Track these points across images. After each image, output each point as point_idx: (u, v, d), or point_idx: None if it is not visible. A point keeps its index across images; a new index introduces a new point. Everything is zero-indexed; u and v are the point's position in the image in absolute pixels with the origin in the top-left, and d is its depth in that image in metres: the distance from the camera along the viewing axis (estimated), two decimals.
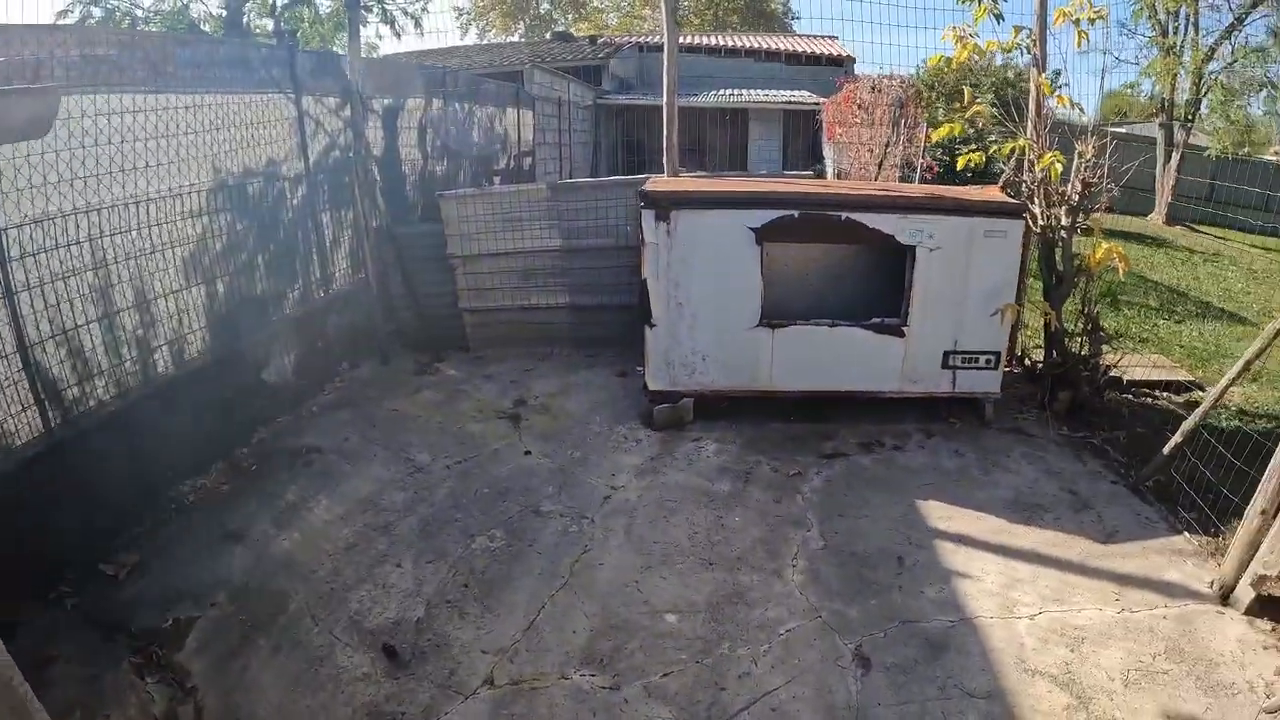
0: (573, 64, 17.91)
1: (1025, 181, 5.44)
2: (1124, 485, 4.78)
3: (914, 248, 5.04)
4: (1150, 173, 17.00)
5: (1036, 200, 5.39)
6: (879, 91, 10.25)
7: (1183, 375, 6.33)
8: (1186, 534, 4.26)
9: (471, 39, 33.65)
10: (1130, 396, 5.94)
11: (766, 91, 19.53)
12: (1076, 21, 5.05)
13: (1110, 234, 5.35)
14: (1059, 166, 4.65)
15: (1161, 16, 16.41)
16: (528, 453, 5.07)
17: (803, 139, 18.52)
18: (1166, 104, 16.69)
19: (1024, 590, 3.78)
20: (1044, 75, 5.43)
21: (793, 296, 5.66)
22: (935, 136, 5.13)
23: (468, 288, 6.63)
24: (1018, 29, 5.17)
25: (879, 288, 5.91)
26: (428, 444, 5.18)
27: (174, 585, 3.69)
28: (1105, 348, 5.30)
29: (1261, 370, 6.26)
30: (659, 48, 23.38)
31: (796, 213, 4.93)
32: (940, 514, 4.43)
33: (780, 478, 4.78)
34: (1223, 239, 16.69)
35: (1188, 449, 4.47)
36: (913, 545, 4.14)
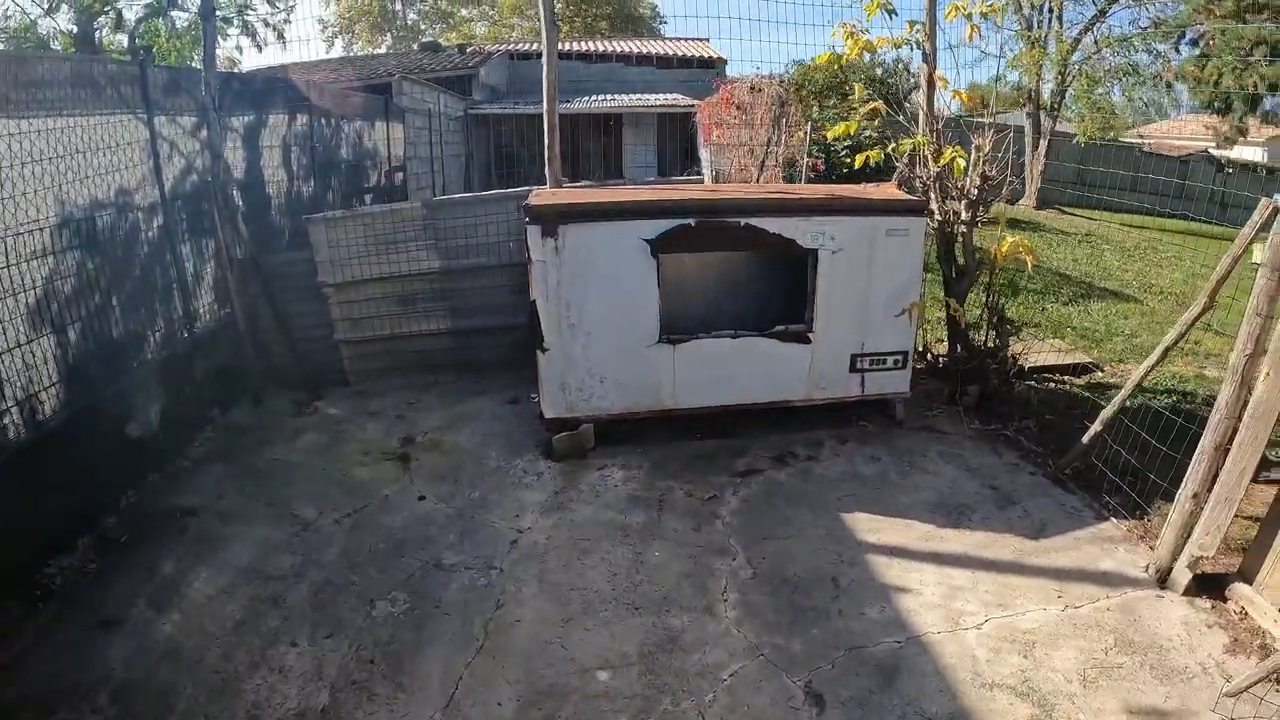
0: (442, 74, 17.15)
1: (920, 177, 5.39)
2: (1044, 476, 4.77)
3: (815, 251, 4.83)
4: (1020, 160, 17.71)
5: (933, 195, 5.34)
6: (758, 91, 10.17)
7: (1081, 357, 6.44)
8: (1113, 520, 4.26)
9: (338, 52, 32.31)
10: (1033, 383, 5.96)
11: (640, 96, 19.25)
12: (969, 16, 5.05)
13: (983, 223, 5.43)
14: (961, 161, 4.59)
15: (1026, 11, 17.17)
16: (422, 498, 4.53)
17: (678, 143, 18.40)
18: (1033, 94, 17.48)
19: (966, 599, 3.64)
20: (938, 70, 5.41)
21: (692, 309, 5.38)
22: (832, 134, 5.00)
23: (343, 317, 6.00)
24: (912, 24, 5.11)
25: (780, 293, 5.71)
26: (313, 496, 4.56)
27: (48, 687, 3.07)
28: (1013, 338, 5.31)
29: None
30: (530, 55, 23.11)
31: (693, 221, 4.61)
32: (867, 525, 4.22)
33: (695, 503, 4.43)
34: (1092, 219, 17.65)
35: (1107, 435, 4.46)
36: (845, 563, 3.90)
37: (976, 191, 5.06)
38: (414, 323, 6.07)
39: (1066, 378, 6.19)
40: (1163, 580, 3.68)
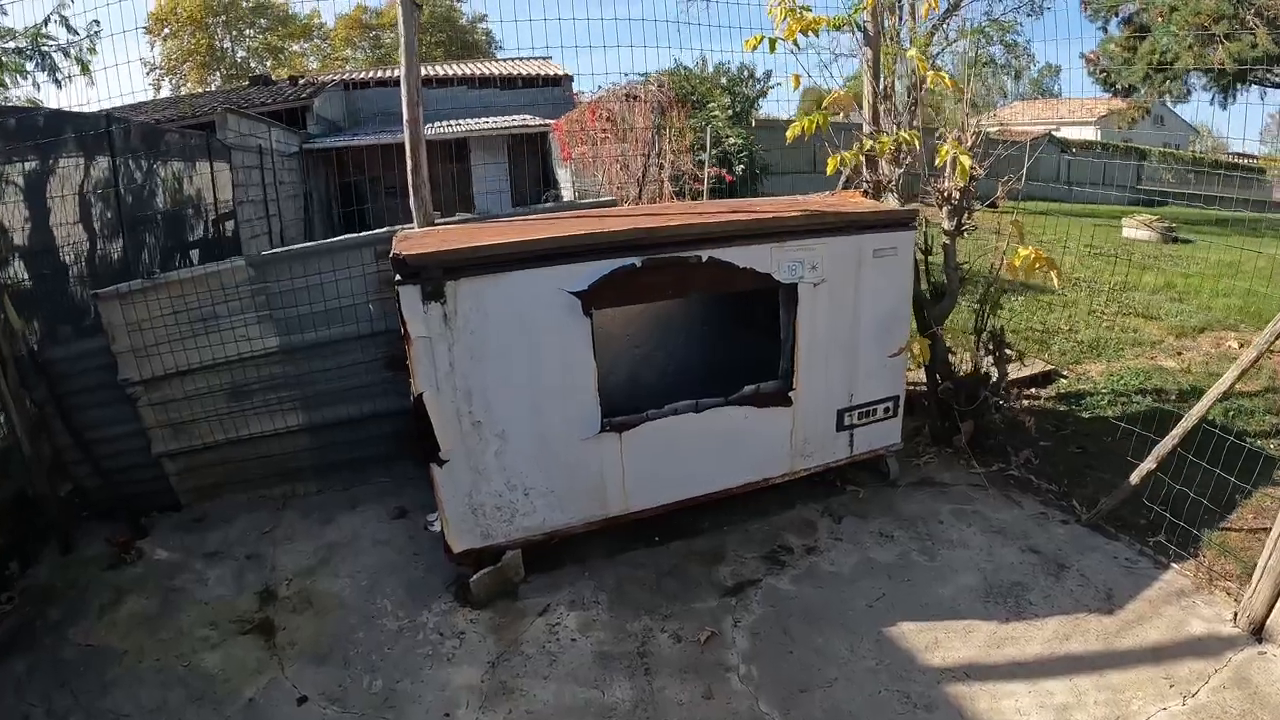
0: (274, 108, 14.51)
1: (874, 181, 4.15)
2: (1077, 523, 3.67)
3: (794, 286, 3.49)
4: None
5: (895, 203, 4.08)
6: (636, 99, 8.70)
7: (1040, 365, 5.42)
8: (1174, 566, 3.31)
9: (166, 94, 28.24)
10: (1004, 403, 4.87)
11: (488, 120, 17.21)
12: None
13: None
14: (966, 162, 3.35)
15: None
16: (303, 699, 2.77)
17: (530, 165, 16.59)
18: (888, 91, 16.69)
19: (1085, 717, 2.54)
20: (879, 54, 4.17)
21: (631, 377, 3.91)
22: (792, 133, 3.68)
23: (161, 423, 4.01)
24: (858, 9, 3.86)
25: (730, 338, 4.35)
26: (146, 710, 2.77)
27: None
28: (1011, 364, 4.16)
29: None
30: (367, 83, 20.49)
31: (638, 261, 3.05)
32: (920, 641, 2.92)
33: (691, 649, 2.93)
34: None
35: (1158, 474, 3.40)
36: (919, 707, 2.60)
37: (959, 195, 3.85)
38: (254, 421, 4.17)
39: (1031, 390, 5.18)
40: (1257, 632, 2.88)
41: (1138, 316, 5.49)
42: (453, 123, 16.61)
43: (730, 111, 12.35)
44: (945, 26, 14.06)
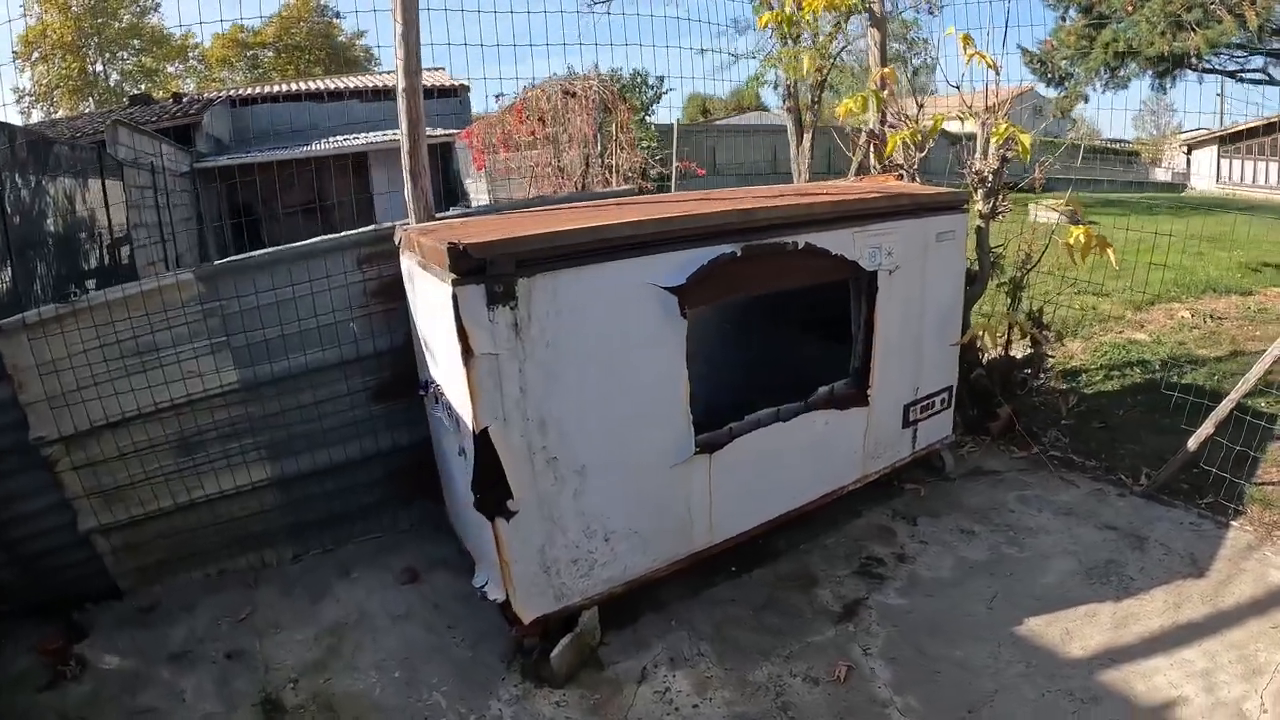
0: (163, 124, 12.34)
1: (903, 167, 3.68)
2: (1134, 495, 3.41)
3: (875, 274, 2.92)
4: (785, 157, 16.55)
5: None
6: (573, 96, 7.90)
7: (1025, 344, 5.15)
8: (1234, 524, 3.13)
9: (38, 120, 24.13)
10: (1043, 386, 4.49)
11: (386, 132, 15.06)
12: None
13: None
14: (1026, 141, 2.90)
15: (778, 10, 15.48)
16: None
17: (434, 177, 15.22)
18: (792, 90, 15.73)
19: (1225, 680, 2.32)
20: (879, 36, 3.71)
21: (705, 387, 3.24)
22: (844, 110, 3.12)
23: (89, 491, 2.84)
24: None
25: (769, 340, 3.75)
26: None
27: None
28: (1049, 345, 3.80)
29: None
30: (254, 99, 18.41)
31: (738, 248, 2.40)
32: (1052, 635, 2.55)
33: (833, 689, 2.32)
34: None
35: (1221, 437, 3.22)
36: (1086, 702, 2.26)
37: (993, 176, 3.43)
38: (210, 479, 3.05)
39: (1028, 370, 4.90)
40: None
41: (1092, 295, 5.40)
42: (353, 137, 14.93)
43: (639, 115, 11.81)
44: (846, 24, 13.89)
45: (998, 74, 3.05)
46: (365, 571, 3.15)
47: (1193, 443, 3.24)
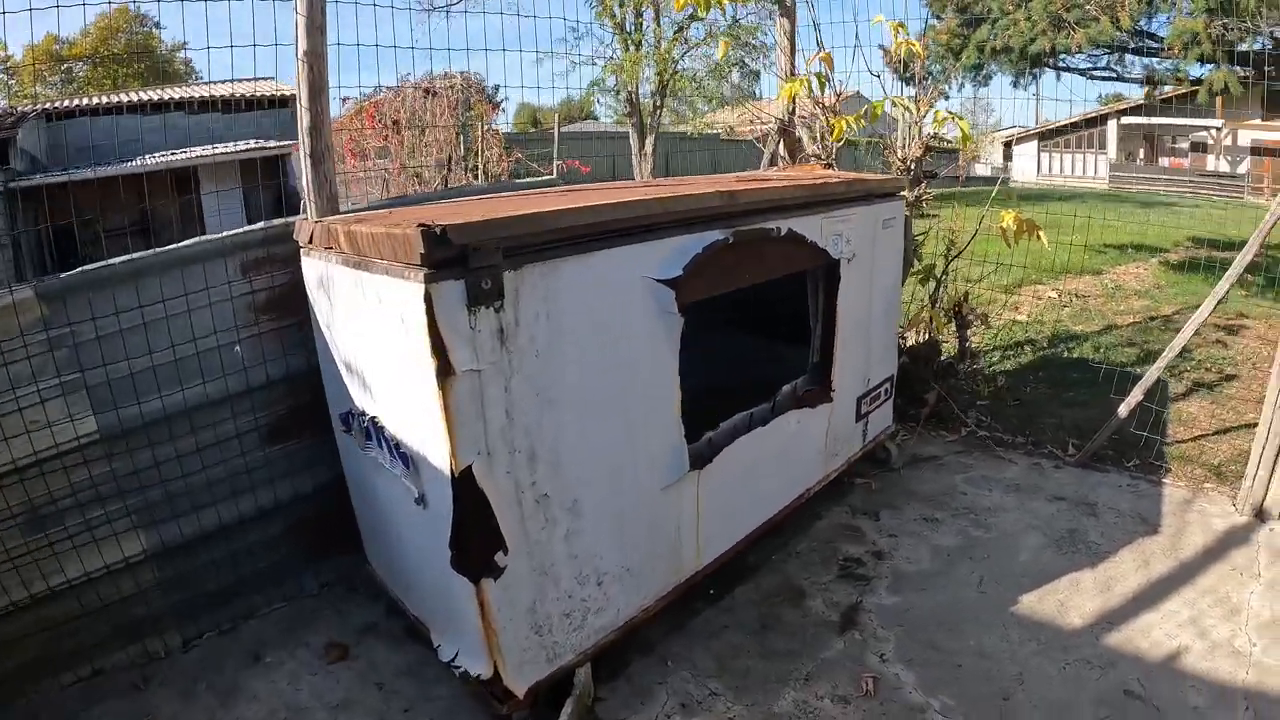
0: None
1: (818, 157, 3.59)
2: (1070, 465, 3.53)
3: (838, 262, 2.72)
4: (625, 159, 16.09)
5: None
6: (435, 95, 7.22)
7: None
8: (1166, 482, 3.33)
9: None
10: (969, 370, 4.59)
11: (215, 146, 13.57)
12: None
13: None
14: (965, 126, 2.87)
15: (620, 15, 14.79)
16: None
17: (268, 190, 13.75)
18: (633, 97, 15.46)
19: (1213, 620, 2.45)
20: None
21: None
22: (787, 93, 2.88)
23: None
24: None
25: (721, 341, 3.49)
26: None
27: None
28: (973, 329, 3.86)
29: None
30: (73, 113, 15.58)
31: (730, 234, 2.08)
32: (1048, 608, 2.55)
33: (866, 704, 2.09)
34: None
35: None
36: (1105, 668, 2.26)
37: (915, 164, 3.43)
38: (72, 558, 2.24)
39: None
40: (1258, 514, 3.01)
41: (963, 281, 5.73)
42: (182, 151, 13.02)
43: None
44: (688, 29, 13.91)
45: (921, 61, 3.05)
46: (279, 652, 2.48)
47: (1123, 409, 3.41)
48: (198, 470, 2.49)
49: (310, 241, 2.22)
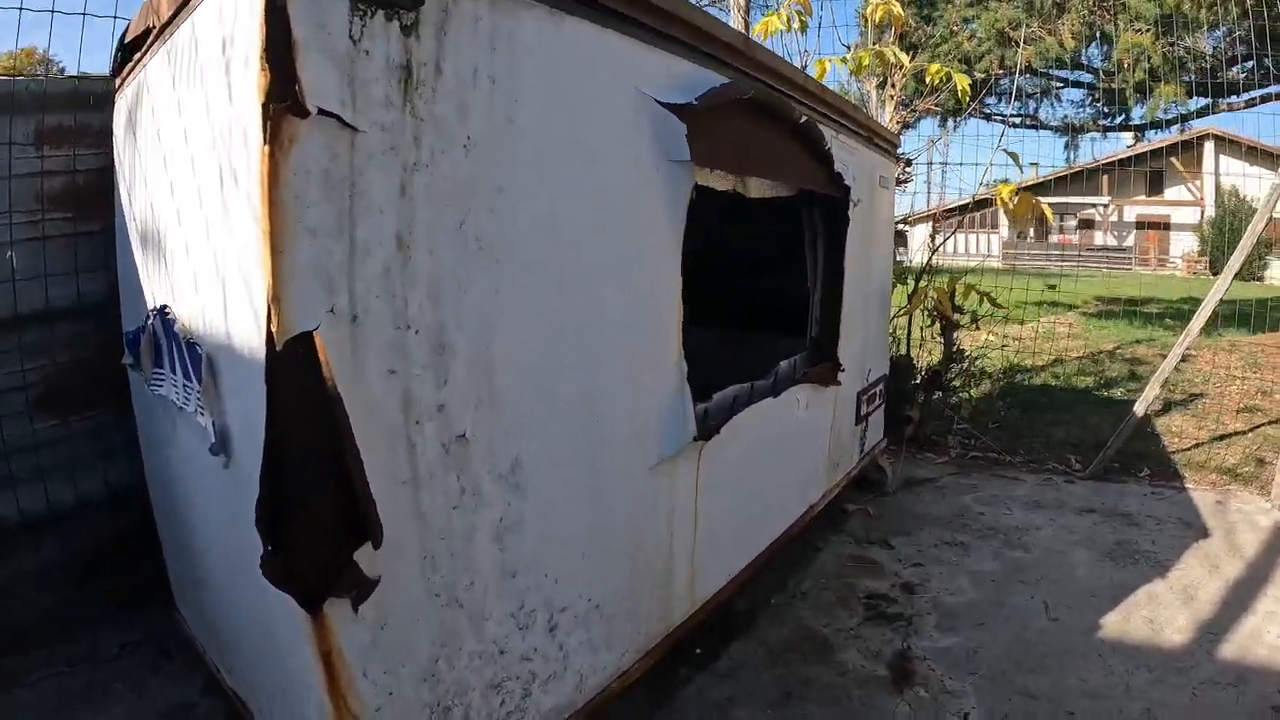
0: None
1: None
2: (1083, 479, 3.01)
3: (846, 200, 2.07)
4: None
5: None
6: None
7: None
8: (1188, 488, 2.90)
9: None
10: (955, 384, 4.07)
11: None
12: None
13: None
14: (964, 82, 2.41)
15: None
16: None
17: None
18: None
19: None
20: None
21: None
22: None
23: None
24: None
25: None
26: None
27: None
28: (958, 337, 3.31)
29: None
30: None
31: (751, 88, 1.37)
32: (1135, 628, 1.93)
33: None
34: None
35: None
36: (1234, 684, 1.70)
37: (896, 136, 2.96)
38: None
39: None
40: None
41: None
42: None
43: None
44: None
45: (899, 29, 2.68)
46: None
47: (1131, 420, 2.97)
48: None
49: (123, 71, 1.34)
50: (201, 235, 0.94)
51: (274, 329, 0.74)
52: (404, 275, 0.85)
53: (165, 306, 1.11)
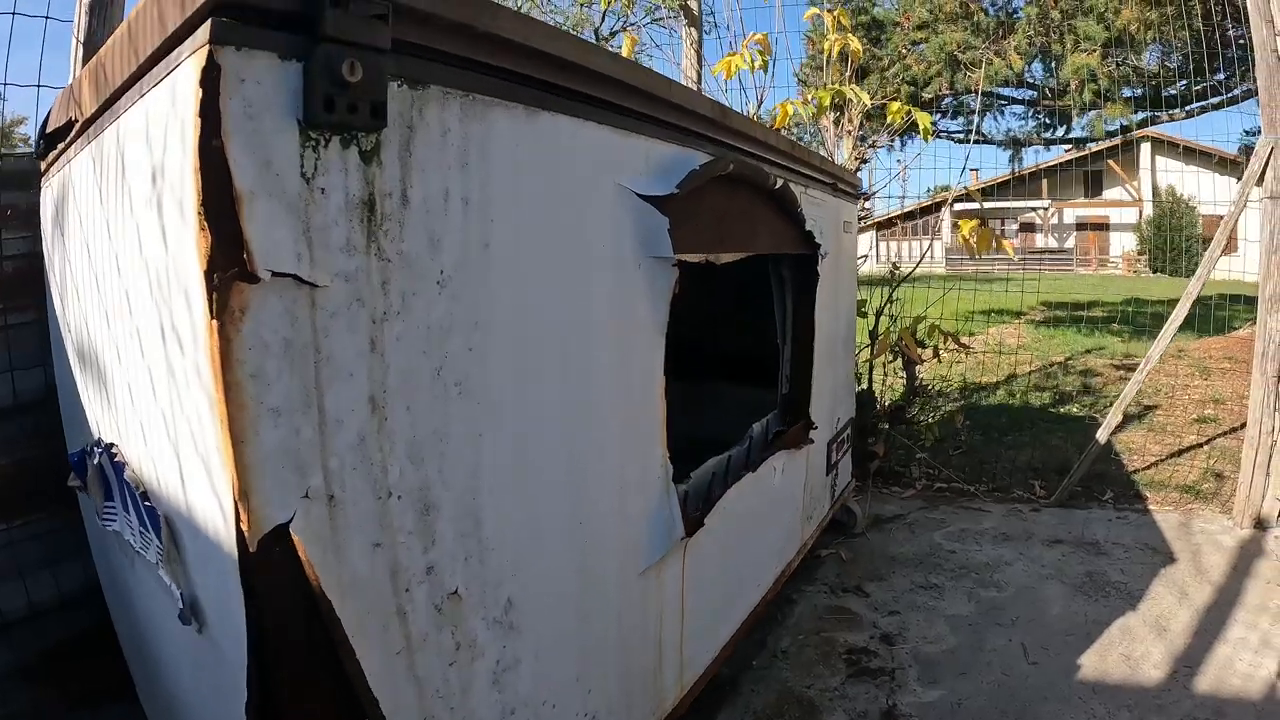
0: None
1: None
2: (1052, 507, 3.05)
3: (817, 255, 2.08)
4: None
5: None
6: None
7: None
8: (1151, 510, 2.99)
9: None
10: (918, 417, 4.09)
11: None
12: None
13: None
14: (926, 120, 2.43)
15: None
16: None
17: None
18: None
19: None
20: None
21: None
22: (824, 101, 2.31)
23: None
24: None
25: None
26: None
27: None
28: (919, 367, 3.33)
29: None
30: None
31: (731, 162, 1.33)
32: (1115, 667, 1.95)
33: None
34: None
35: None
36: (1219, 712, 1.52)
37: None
38: None
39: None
40: (1257, 524, 2.77)
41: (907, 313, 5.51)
42: None
43: None
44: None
45: (856, 61, 2.70)
46: None
47: (1093, 446, 3.05)
48: None
49: (50, 156, 1.21)
50: (146, 388, 0.84)
51: (244, 528, 0.66)
52: (381, 439, 0.77)
53: (113, 445, 1.01)
